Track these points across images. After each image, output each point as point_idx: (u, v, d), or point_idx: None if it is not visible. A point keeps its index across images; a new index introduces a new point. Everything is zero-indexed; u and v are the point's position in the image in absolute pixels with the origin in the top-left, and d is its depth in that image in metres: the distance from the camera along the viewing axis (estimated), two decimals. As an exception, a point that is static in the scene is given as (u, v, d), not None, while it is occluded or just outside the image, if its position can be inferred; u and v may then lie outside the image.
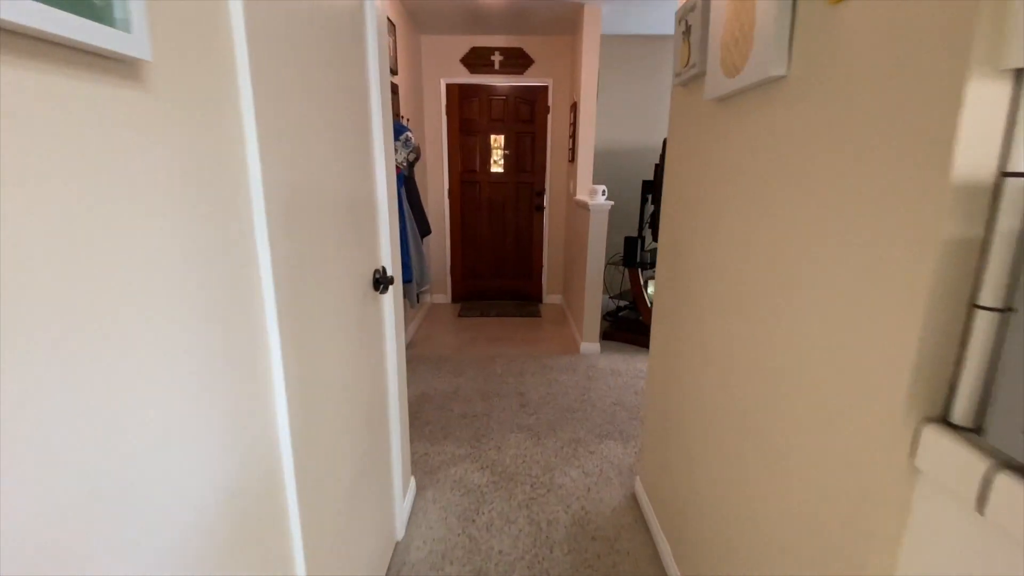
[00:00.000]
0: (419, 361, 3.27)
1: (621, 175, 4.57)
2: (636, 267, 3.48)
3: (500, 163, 4.54)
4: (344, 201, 1.16)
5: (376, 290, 1.39)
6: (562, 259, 4.71)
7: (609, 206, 3.19)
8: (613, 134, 4.49)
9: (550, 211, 4.61)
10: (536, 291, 4.81)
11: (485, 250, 4.72)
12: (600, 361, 3.30)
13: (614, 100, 4.42)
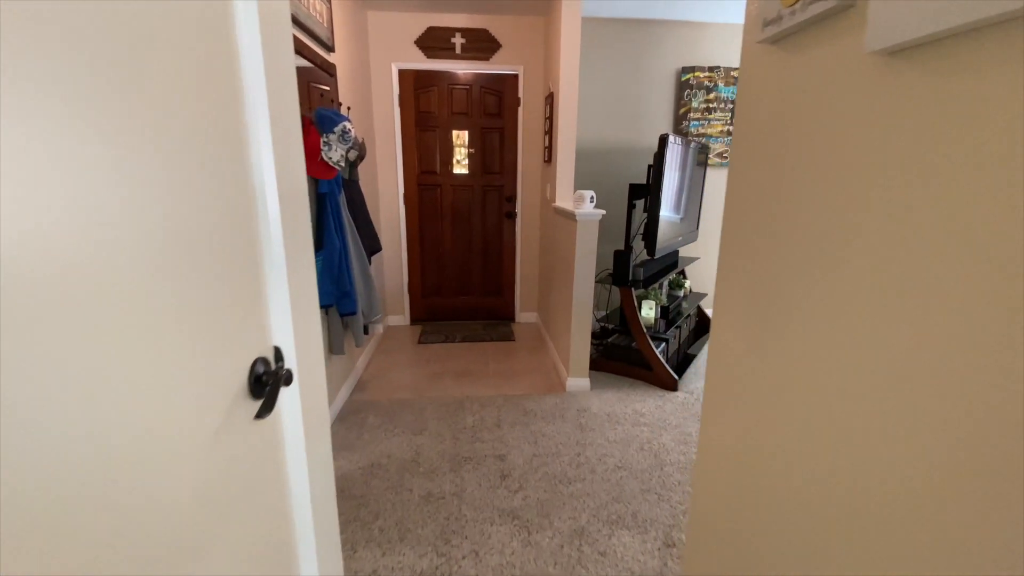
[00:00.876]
0: (369, 410, 2.62)
1: (603, 178, 4.04)
2: (628, 286, 2.94)
3: (464, 163, 3.92)
4: (174, 241, 0.53)
5: (258, 398, 0.76)
6: (537, 273, 4.15)
7: (599, 216, 2.64)
8: (592, 131, 3.95)
9: (523, 218, 4.04)
10: (508, 309, 4.22)
11: (448, 264, 4.09)
12: (592, 402, 2.75)
13: (593, 93, 3.89)
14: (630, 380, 3.05)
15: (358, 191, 2.51)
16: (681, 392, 2.89)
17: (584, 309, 2.78)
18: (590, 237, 2.67)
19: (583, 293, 2.75)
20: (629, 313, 2.94)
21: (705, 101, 3.96)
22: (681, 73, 3.90)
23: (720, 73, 3.92)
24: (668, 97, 3.96)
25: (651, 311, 3.07)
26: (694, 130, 4.01)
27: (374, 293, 2.52)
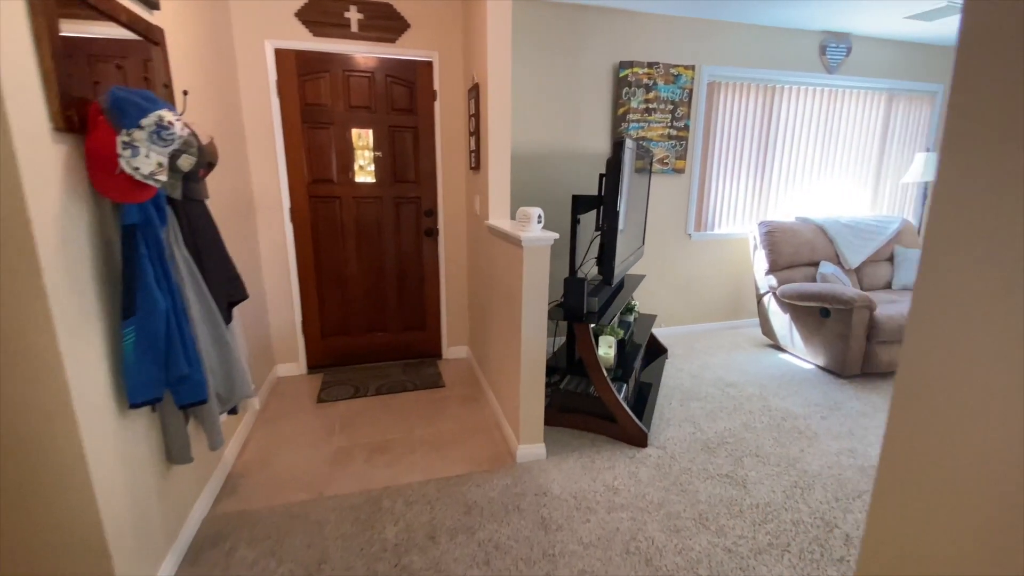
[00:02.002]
0: (242, 533, 1.80)
1: (535, 187, 3.47)
2: (583, 320, 2.38)
3: (369, 169, 3.15)
4: None
5: None
6: (467, 300, 3.48)
7: (551, 240, 2.05)
8: (521, 132, 3.37)
9: (446, 236, 3.35)
10: (433, 345, 3.51)
11: (355, 294, 3.29)
12: (552, 478, 2.14)
13: (521, 87, 3.31)
14: (590, 436, 2.50)
15: (203, 215, 1.69)
16: (652, 448, 2.38)
17: (536, 359, 2.17)
18: (540, 266, 2.06)
19: (534, 338, 2.14)
20: (587, 355, 2.38)
21: (644, 101, 3.55)
22: (619, 68, 3.45)
23: (659, 70, 3.52)
24: (605, 95, 3.48)
25: (610, 349, 2.54)
26: (633, 132, 3.58)
27: (236, 365, 1.71)
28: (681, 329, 4.13)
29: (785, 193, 4.16)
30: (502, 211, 2.61)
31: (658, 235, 3.88)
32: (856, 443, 2.43)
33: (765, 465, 2.25)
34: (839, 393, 3.01)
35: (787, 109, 3.97)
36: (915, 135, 4.39)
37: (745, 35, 3.69)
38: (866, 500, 2.00)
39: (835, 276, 3.56)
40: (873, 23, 3.65)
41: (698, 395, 2.97)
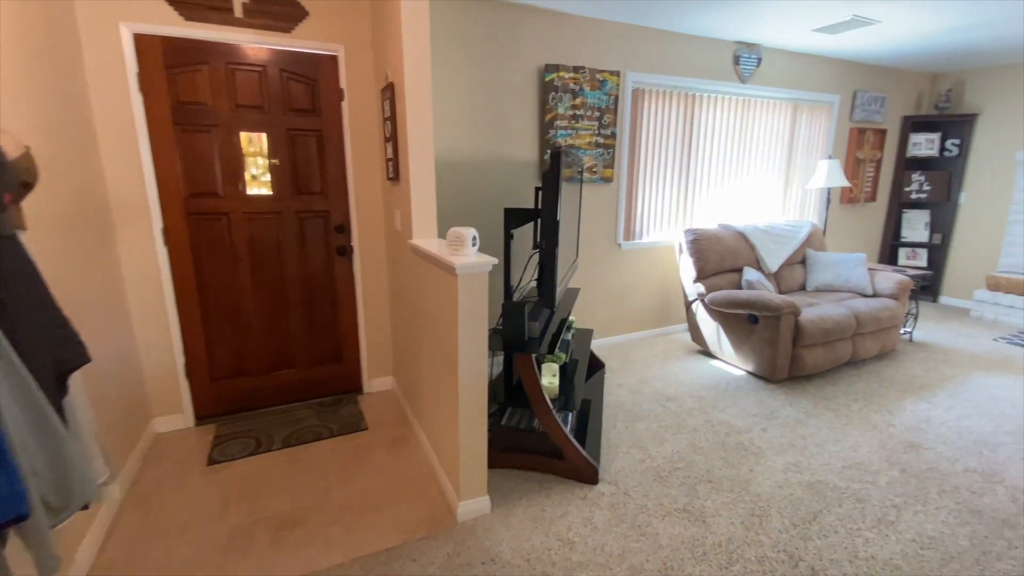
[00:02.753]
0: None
1: (459, 198, 3.18)
2: (525, 350, 2.13)
3: (264, 180, 2.68)
4: None
5: None
6: (390, 324, 3.10)
7: (490, 266, 1.77)
8: (441, 138, 3.06)
9: (363, 254, 2.95)
10: (352, 379, 3.09)
11: (251, 326, 2.80)
12: (500, 538, 1.87)
13: (440, 88, 3.00)
14: (537, 476, 2.26)
15: (13, 255, 1.21)
16: (604, 484, 2.19)
17: (476, 404, 1.88)
18: (477, 296, 1.78)
19: (474, 379, 1.85)
20: (531, 389, 2.13)
21: (572, 107, 3.39)
22: (544, 72, 3.26)
23: (585, 75, 3.38)
24: (532, 100, 3.28)
25: (554, 377, 2.32)
26: (562, 140, 3.41)
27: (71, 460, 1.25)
28: (615, 340, 4.04)
29: (707, 200, 4.22)
30: (427, 228, 2.30)
31: (590, 246, 3.75)
32: (799, 456, 2.42)
33: (719, 492, 2.14)
34: (772, 400, 3.03)
35: (706, 117, 4.02)
36: (817, 143, 4.67)
37: (666, 42, 3.66)
38: (821, 523, 1.94)
39: (760, 282, 3.63)
40: (781, 35, 3.78)
41: (641, 413, 2.85)
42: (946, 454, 2.43)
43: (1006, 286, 4.57)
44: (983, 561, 1.73)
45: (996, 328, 4.44)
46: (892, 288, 3.78)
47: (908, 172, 5.26)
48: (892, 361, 3.66)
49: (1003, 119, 4.74)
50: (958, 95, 5.04)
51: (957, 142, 5.02)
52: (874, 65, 4.74)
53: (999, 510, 2.01)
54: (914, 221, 5.37)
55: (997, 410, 2.88)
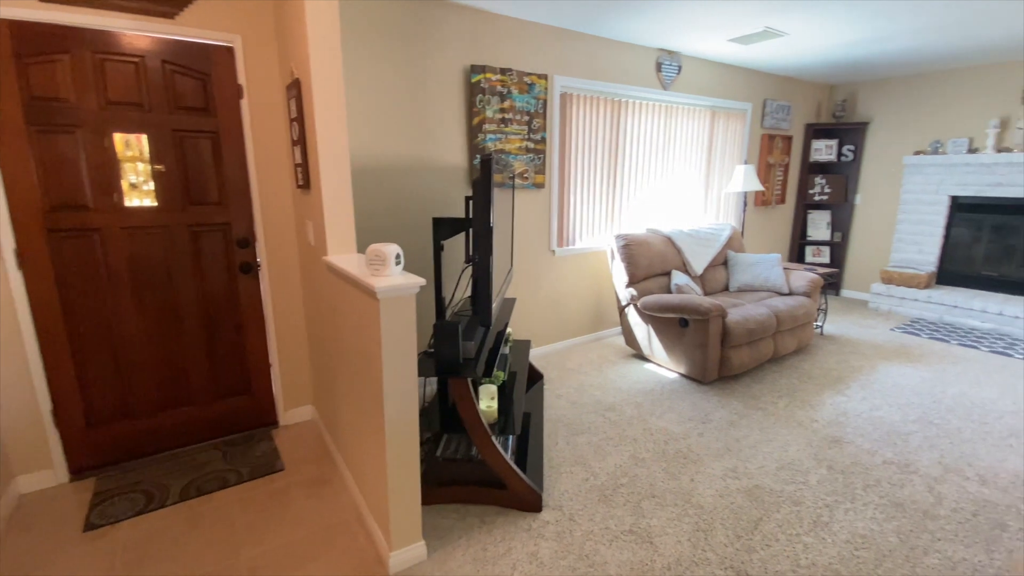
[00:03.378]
0: None
1: (387, 209, 2.94)
2: (460, 375, 1.96)
3: (148, 189, 2.31)
4: None
5: None
6: (307, 348, 2.80)
7: (417, 288, 1.58)
8: (358, 140, 2.81)
9: (272, 271, 2.63)
10: (264, 412, 2.75)
11: (136, 359, 2.40)
12: (436, 585, 1.68)
13: (362, 88, 2.75)
14: (478, 509, 2.09)
15: None
16: (548, 511, 2.07)
17: (406, 439, 1.68)
18: (404, 321, 1.58)
19: (402, 410, 1.65)
20: (468, 416, 1.96)
21: (500, 110, 3.25)
22: (470, 73, 3.10)
23: (513, 77, 3.27)
24: (458, 102, 3.10)
25: (493, 400, 2.16)
26: (491, 144, 3.27)
27: None
28: (551, 348, 3.96)
29: (635, 205, 4.26)
30: (344, 242, 2.06)
31: (524, 254, 3.64)
32: (735, 460, 2.43)
33: (663, 507, 2.09)
34: (705, 402, 3.07)
35: (632, 123, 4.05)
36: (734, 149, 4.88)
37: (593, 47, 3.64)
38: (763, 531, 1.94)
39: (688, 286, 3.70)
40: (700, 43, 3.89)
41: (582, 426, 2.77)
42: (865, 447, 2.56)
43: (898, 279, 5.02)
44: (912, 557, 1.80)
45: (891, 319, 4.86)
46: (805, 286, 4.01)
47: (811, 176, 5.66)
48: (808, 356, 3.87)
49: (890, 126, 5.22)
50: (851, 105, 5.50)
51: (852, 148, 5.47)
52: (780, 76, 5.04)
53: (919, 501, 2.11)
54: (817, 221, 5.80)
55: (903, 399, 3.11)
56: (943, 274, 5.01)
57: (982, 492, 2.17)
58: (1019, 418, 2.85)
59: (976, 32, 3.56)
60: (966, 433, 2.69)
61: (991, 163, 4.48)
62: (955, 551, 1.83)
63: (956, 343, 4.11)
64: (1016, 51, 4.10)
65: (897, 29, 3.48)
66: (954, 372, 3.53)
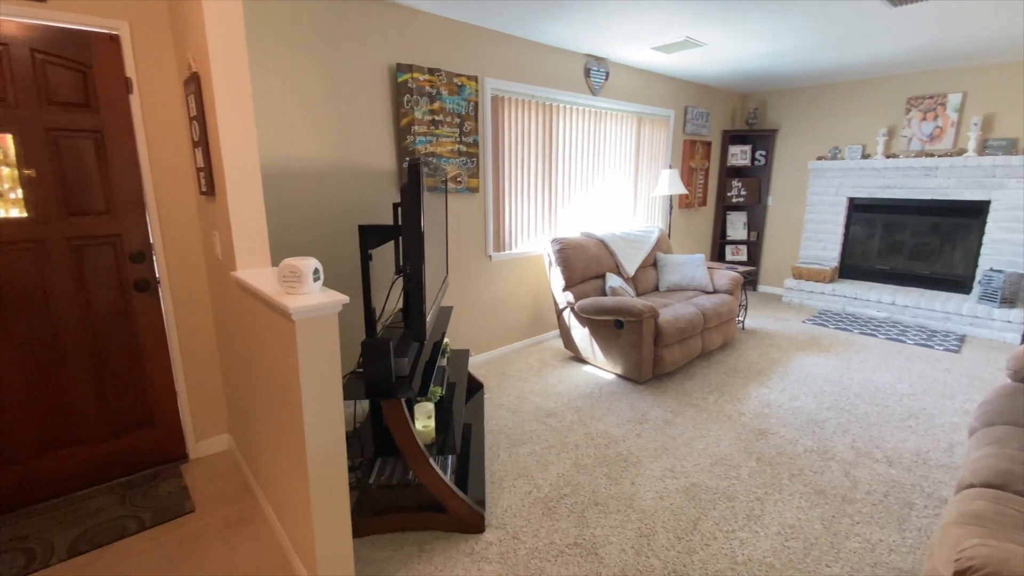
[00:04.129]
0: None
1: (308, 217, 2.73)
2: (394, 396, 1.83)
3: (15, 198, 1.97)
4: None
5: None
6: (219, 371, 2.53)
7: (339, 307, 1.44)
8: (271, 142, 2.59)
9: (174, 288, 2.36)
10: (171, 445, 2.45)
11: (7, 398, 2.05)
12: (372, 628, 1.55)
13: (277, 85, 2.53)
14: (416, 536, 1.97)
15: None
16: (492, 531, 1.99)
17: (332, 470, 1.53)
18: (325, 344, 1.44)
19: (326, 440, 1.50)
20: (402, 439, 1.84)
21: (429, 111, 3.14)
22: (397, 72, 2.96)
23: (442, 78, 3.16)
24: (384, 103, 2.95)
25: (430, 420, 2.05)
26: (421, 147, 3.14)
27: None
28: (490, 355, 3.89)
29: (570, 209, 4.29)
30: (256, 255, 1.86)
31: (460, 260, 3.54)
32: (672, 459, 2.48)
33: (607, 514, 2.08)
34: (641, 402, 3.13)
35: (564, 127, 4.08)
36: (659, 154, 5.06)
37: (523, 50, 3.61)
38: (701, 531, 1.98)
39: (622, 288, 3.77)
40: (625, 50, 3.98)
41: (523, 436, 2.72)
42: (788, 436, 2.70)
43: (807, 275, 5.44)
44: (836, 543, 1.90)
45: (803, 311, 5.25)
46: (728, 284, 4.21)
47: (729, 179, 6.00)
48: (733, 350, 4.08)
49: (796, 133, 5.64)
50: (762, 113, 5.89)
51: (764, 153, 5.86)
52: (700, 84, 5.29)
53: (837, 487, 2.25)
54: (735, 222, 6.16)
55: (817, 387, 3.33)
56: (845, 268, 5.49)
57: (890, 473, 2.36)
58: (916, 400, 3.15)
59: (868, 48, 3.91)
60: (872, 417, 2.92)
61: (881, 167, 4.96)
62: (872, 533, 1.95)
63: (858, 332, 4.50)
64: (901, 66, 4.56)
65: (800, 43, 3.75)
66: (858, 359, 3.84)
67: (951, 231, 4.78)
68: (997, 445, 1.74)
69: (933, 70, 4.66)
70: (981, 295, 4.45)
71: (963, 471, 1.68)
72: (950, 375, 3.54)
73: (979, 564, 0.95)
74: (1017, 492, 1.48)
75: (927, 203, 4.83)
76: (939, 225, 4.84)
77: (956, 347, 4.09)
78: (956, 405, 3.08)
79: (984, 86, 4.44)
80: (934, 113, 4.72)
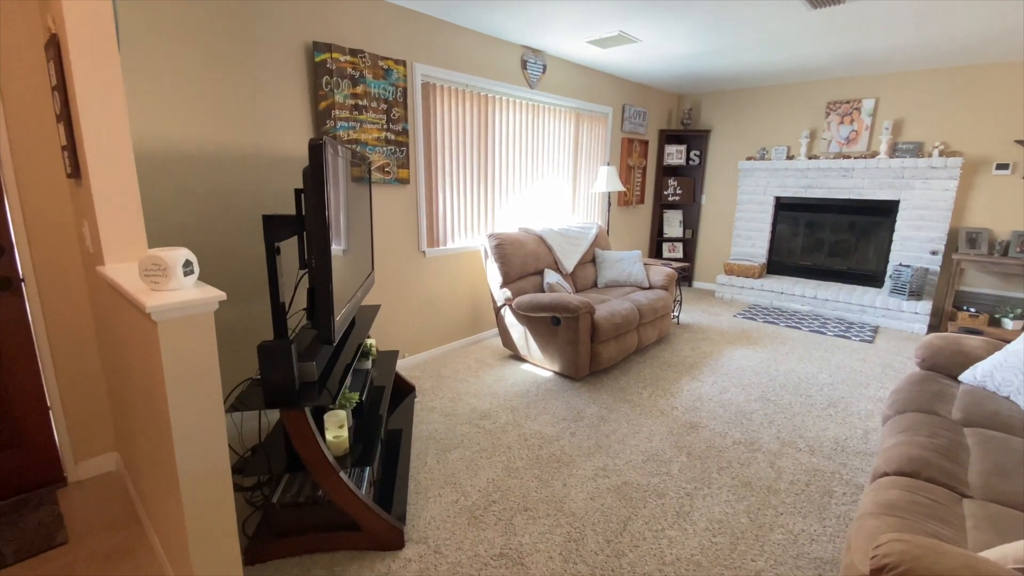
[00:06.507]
0: None
1: (212, 207, 2.46)
2: (297, 407, 1.64)
3: None
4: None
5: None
6: (102, 380, 2.22)
7: (214, 305, 1.25)
8: (169, 125, 2.31)
9: (43, 286, 2.03)
10: (44, 468, 2.12)
11: None
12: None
13: (175, 64, 2.24)
14: (325, 557, 1.78)
15: None
16: (412, 547, 1.84)
17: (213, 491, 1.33)
18: (199, 346, 1.24)
19: (205, 460, 1.30)
20: (307, 452, 1.65)
21: (352, 95, 2.93)
22: (313, 51, 2.73)
23: (366, 60, 2.96)
24: (299, 83, 2.72)
25: (342, 429, 1.87)
26: (343, 133, 2.93)
27: None
28: (425, 356, 3.72)
29: (507, 203, 4.19)
30: (130, 247, 1.62)
31: (388, 255, 3.34)
32: (605, 458, 2.43)
33: (535, 520, 1.98)
34: (577, 399, 3.07)
35: (501, 119, 3.96)
36: (598, 150, 5.06)
37: (456, 37, 3.46)
38: (631, 531, 1.92)
39: (560, 284, 3.70)
40: (561, 43, 3.92)
41: (454, 440, 2.58)
42: (718, 429, 2.72)
43: (737, 271, 5.63)
44: (761, 536, 1.89)
45: (734, 306, 5.43)
46: (663, 280, 4.26)
47: (665, 178, 6.12)
48: (668, 345, 4.12)
49: (727, 135, 5.83)
50: (696, 114, 6.05)
51: (698, 153, 6.01)
52: (637, 83, 5.34)
53: (763, 478, 2.27)
54: (672, 219, 6.30)
55: (746, 380, 3.41)
56: (772, 264, 5.73)
57: (812, 462, 2.41)
58: (835, 389, 3.28)
59: (791, 51, 4.06)
60: (796, 407, 3.01)
61: (804, 168, 5.20)
62: (795, 523, 1.97)
63: (784, 325, 4.69)
64: (822, 71, 4.78)
65: (728, 43, 3.83)
66: (784, 351, 3.99)
67: (866, 228, 5.09)
68: (908, 432, 1.79)
69: (850, 76, 4.93)
70: (892, 288, 4.75)
71: (877, 459, 1.71)
72: (865, 364, 3.74)
73: (894, 561, 0.91)
74: (928, 479, 1.51)
75: (845, 202, 5.12)
76: (855, 223, 5.14)
77: (871, 338, 4.34)
78: (871, 393, 3.23)
79: (895, 92, 4.74)
80: (851, 117, 4.99)
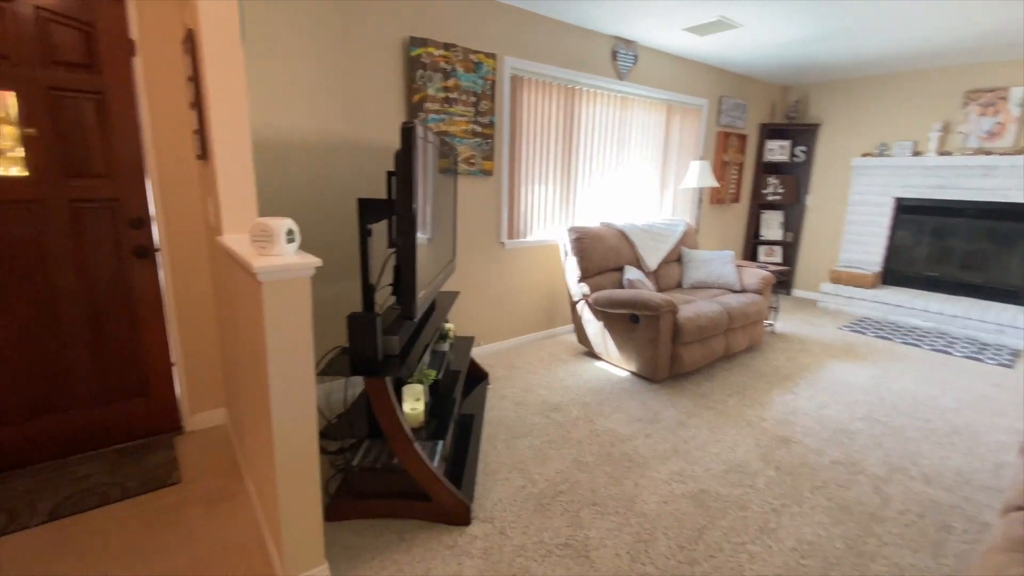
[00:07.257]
0: None
1: (312, 190, 2.67)
2: (378, 374, 1.73)
3: (15, 155, 1.96)
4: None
5: None
6: (217, 342, 2.49)
7: (311, 271, 1.34)
8: (284, 116, 2.53)
9: (174, 256, 2.32)
10: (164, 416, 2.43)
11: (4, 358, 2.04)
12: (337, 617, 1.45)
13: (285, 54, 2.46)
14: (397, 524, 1.86)
15: None
16: (478, 524, 1.86)
17: (300, 446, 1.44)
18: (296, 308, 1.34)
19: (294, 413, 1.40)
20: (386, 420, 1.73)
21: (443, 88, 3.03)
22: (410, 45, 2.86)
23: (458, 54, 3.05)
24: (395, 77, 2.86)
25: (419, 402, 1.94)
26: (433, 125, 3.04)
27: None
28: (500, 345, 3.76)
29: (589, 197, 4.12)
30: (244, 220, 1.79)
31: (469, 245, 3.42)
32: (683, 463, 2.30)
33: (604, 516, 1.92)
34: (655, 401, 2.94)
35: (587, 112, 3.91)
36: (689, 145, 4.82)
37: (546, 29, 3.46)
38: (707, 540, 1.80)
39: (640, 281, 3.58)
40: (655, 32, 3.78)
41: (524, 429, 2.58)
42: (813, 446, 2.48)
43: (846, 279, 5.09)
44: (859, 565, 1.69)
45: (839, 317, 4.92)
46: (757, 284, 3.96)
47: (765, 175, 5.69)
48: (759, 353, 3.83)
49: (839, 128, 5.29)
50: (804, 106, 5.56)
51: (804, 149, 5.52)
52: (736, 73, 5.02)
53: (865, 504, 2.03)
54: (770, 221, 5.84)
55: (849, 396, 3.07)
56: (888, 274, 5.12)
57: (927, 492, 2.11)
58: (960, 416, 2.86)
59: (920, 33, 3.59)
60: (910, 431, 2.66)
61: (934, 166, 4.58)
62: (902, 556, 1.74)
63: (899, 341, 4.17)
64: (958, 55, 4.19)
65: (844, 25, 3.47)
66: (898, 370, 3.54)
67: (1008, 236, 4.38)
68: (1058, 466, 1.50)
69: (996, 61, 4.26)
70: (1042, 307, 4.05)
71: (1009, 491, 1.46)
72: (1001, 391, 3.22)
73: (1034, 602, 0.77)
74: (1082, 521, 1.26)
75: (984, 205, 4.44)
76: (995, 230, 4.44)
77: (1010, 362, 3.73)
78: (1007, 423, 2.77)
79: (1056, 77, 4.03)
80: (995, 108, 4.32)
